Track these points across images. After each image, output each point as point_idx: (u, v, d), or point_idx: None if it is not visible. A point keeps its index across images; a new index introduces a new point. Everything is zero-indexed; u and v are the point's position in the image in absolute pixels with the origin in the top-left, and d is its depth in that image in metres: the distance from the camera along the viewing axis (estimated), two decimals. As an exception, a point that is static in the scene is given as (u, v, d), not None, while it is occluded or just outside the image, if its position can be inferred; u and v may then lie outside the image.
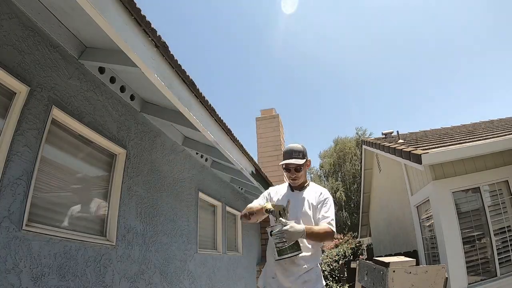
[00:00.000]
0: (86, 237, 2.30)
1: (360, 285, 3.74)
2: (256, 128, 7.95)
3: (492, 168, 4.93)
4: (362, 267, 3.73)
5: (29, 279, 1.77)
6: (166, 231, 3.39)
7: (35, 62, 1.97)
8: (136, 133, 3.04)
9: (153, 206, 3.19)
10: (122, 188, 2.72)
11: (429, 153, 4.73)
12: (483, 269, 4.68)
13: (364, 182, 10.68)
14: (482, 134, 5.78)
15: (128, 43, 1.79)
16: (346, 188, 20.88)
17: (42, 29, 2.01)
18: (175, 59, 2.26)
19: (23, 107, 1.86)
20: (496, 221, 4.82)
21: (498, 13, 29.21)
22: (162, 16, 33.94)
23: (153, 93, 2.82)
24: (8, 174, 1.73)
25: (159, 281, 3.13)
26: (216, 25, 40.39)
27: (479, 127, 7.44)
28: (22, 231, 1.76)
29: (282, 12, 35.46)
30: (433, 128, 9.07)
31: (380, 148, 7.05)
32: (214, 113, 3.04)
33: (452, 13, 32.92)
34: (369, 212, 11.53)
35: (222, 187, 5.27)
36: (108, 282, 2.41)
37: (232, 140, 3.67)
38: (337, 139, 23.43)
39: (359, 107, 40.11)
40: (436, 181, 4.96)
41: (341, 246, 11.55)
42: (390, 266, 3.06)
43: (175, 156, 3.78)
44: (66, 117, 2.20)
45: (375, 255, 9.89)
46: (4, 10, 1.78)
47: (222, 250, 4.92)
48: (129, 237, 2.74)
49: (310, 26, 37.03)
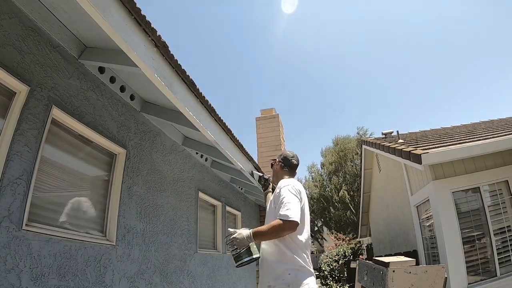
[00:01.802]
0: (86, 237, 2.30)
1: (360, 285, 3.74)
2: (256, 128, 7.94)
3: (492, 168, 4.93)
4: (362, 267, 3.74)
5: (29, 279, 1.77)
6: (166, 231, 3.39)
7: (35, 62, 1.97)
8: (136, 133, 3.04)
9: (153, 206, 3.19)
10: (122, 188, 2.72)
11: (429, 153, 4.73)
12: (483, 269, 4.68)
13: (364, 182, 10.68)
14: (482, 134, 5.78)
15: (128, 43, 1.78)
16: (347, 188, 20.87)
17: (42, 29, 2.01)
18: (175, 59, 2.26)
19: (23, 107, 1.86)
20: (496, 221, 4.83)
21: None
22: (161, 15, 33.94)
23: (153, 93, 2.82)
24: (8, 174, 1.73)
25: (159, 281, 3.13)
26: (216, 24, 40.39)
27: (479, 127, 7.44)
28: (22, 231, 1.77)
29: (282, 12, 35.44)
30: (433, 128, 9.07)
31: (380, 148, 7.05)
32: (214, 113, 3.04)
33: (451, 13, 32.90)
34: (369, 212, 11.54)
35: (222, 187, 5.27)
36: (108, 282, 2.41)
37: (232, 140, 3.67)
38: (337, 138, 23.40)
39: (359, 106, 40.12)
40: (436, 181, 4.96)
41: (341, 246, 11.56)
42: (390, 266, 3.06)
43: (175, 156, 3.78)
44: (66, 117, 2.20)
45: (375, 255, 9.90)
46: (4, 10, 1.78)
47: (222, 250, 4.92)
48: (129, 237, 2.74)
49: (310, 26, 37.03)
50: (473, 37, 35.08)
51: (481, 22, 33.24)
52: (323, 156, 23.83)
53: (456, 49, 35.91)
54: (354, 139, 22.54)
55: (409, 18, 35.37)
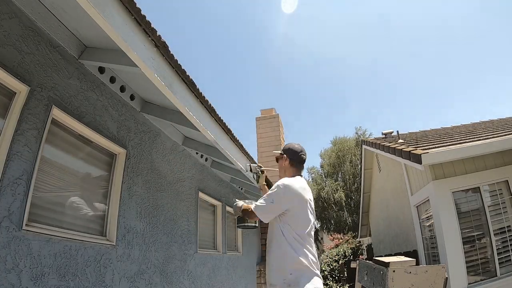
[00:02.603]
0: (86, 237, 2.30)
1: (360, 285, 3.74)
2: (256, 128, 7.95)
3: (492, 168, 4.93)
4: (362, 267, 3.74)
5: (29, 279, 1.77)
6: (166, 231, 3.39)
7: (35, 62, 1.97)
8: (136, 133, 3.04)
9: (153, 206, 3.19)
10: (122, 188, 2.72)
11: (429, 153, 4.73)
12: (483, 269, 4.69)
13: (364, 182, 10.68)
14: (482, 134, 5.79)
15: (128, 43, 1.78)
16: (346, 188, 20.88)
17: (42, 29, 2.01)
18: (175, 59, 2.26)
19: (23, 107, 1.86)
20: (496, 221, 4.83)
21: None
22: (160, 15, 33.96)
23: (153, 93, 2.82)
24: (8, 174, 1.73)
25: (159, 281, 3.13)
26: (216, 24, 40.42)
27: (479, 127, 7.44)
28: (22, 231, 1.77)
29: (282, 12, 35.45)
30: (433, 128, 9.08)
31: (380, 148, 7.05)
32: (214, 113, 3.04)
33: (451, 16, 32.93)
34: (369, 212, 11.53)
35: (222, 187, 5.27)
36: (108, 282, 2.41)
37: (232, 140, 3.67)
38: (336, 139, 23.44)
39: (359, 106, 40.12)
40: (436, 181, 4.96)
41: (341, 246, 11.56)
42: (390, 266, 3.06)
43: (175, 156, 3.78)
44: (66, 117, 2.20)
45: (375, 255, 9.90)
46: (4, 10, 1.78)
47: (222, 250, 4.92)
48: (129, 237, 2.74)
49: (310, 25, 37.03)
50: (473, 37, 35.10)
51: (481, 21, 33.24)
52: (322, 157, 23.86)
53: (455, 49, 35.91)
54: (352, 139, 22.56)
55: (410, 18, 35.36)
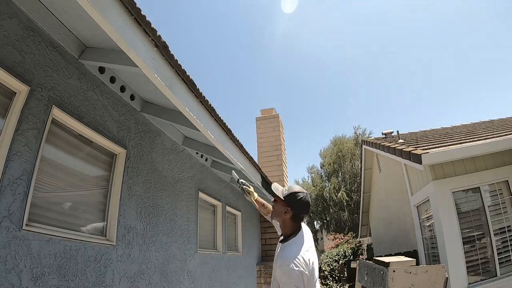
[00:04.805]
0: (86, 237, 2.30)
1: (360, 285, 3.74)
2: (256, 128, 7.95)
3: (492, 168, 4.94)
4: (362, 267, 3.74)
5: (29, 279, 1.77)
6: (166, 231, 3.39)
7: (35, 62, 1.97)
8: (136, 133, 3.04)
9: (153, 206, 3.19)
10: (122, 188, 2.72)
11: (429, 153, 4.74)
12: (483, 269, 4.69)
13: (364, 182, 10.68)
14: (482, 134, 5.79)
15: (128, 43, 1.78)
16: (346, 188, 20.87)
17: (42, 29, 2.01)
18: (175, 59, 2.26)
19: (23, 107, 1.86)
20: (496, 221, 4.83)
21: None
22: (160, 15, 33.96)
23: (153, 93, 2.82)
24: (8, 174, 1.73)
25: (159, 281, 3.13)
26: (216, 24, 40.42)
27: (479, 127, 7.44)
28: (22, 231, 1.77)
29: (282, 12, 35.46)
30: (433, 128, 9.08)
31: (380, 148, 7.05)
32: (214, 112, 3.04)
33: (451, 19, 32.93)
34: (369, 212, 11.54)
35: (222, 187, 5.27)
36: (108, 282, 2.41)
37: (232, 140, 3.67)
38: (335, 139, 23.46)
39: (360, 106, 40.12)
40: (436, 181, 4.97)
41: (341, 246, 11.56)
42: (390, 266, 3.06)
43: (175, 156, 3.78)
44: (66, 117, 2.20)
45: (375, 255, 9.90)
46: (4, 10, 1.78)
47: (222, 250, 4.92)
48: (129, 237, 2.74)
49: (310, 26, 37.03)
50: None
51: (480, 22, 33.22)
52: (322, 157, 23.87)
53: (455, 49, 35.91)
54: (351, 138, 22.56)
55: (410, 18, 35.33)
